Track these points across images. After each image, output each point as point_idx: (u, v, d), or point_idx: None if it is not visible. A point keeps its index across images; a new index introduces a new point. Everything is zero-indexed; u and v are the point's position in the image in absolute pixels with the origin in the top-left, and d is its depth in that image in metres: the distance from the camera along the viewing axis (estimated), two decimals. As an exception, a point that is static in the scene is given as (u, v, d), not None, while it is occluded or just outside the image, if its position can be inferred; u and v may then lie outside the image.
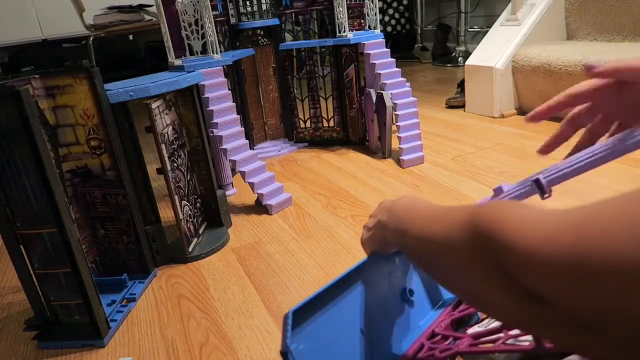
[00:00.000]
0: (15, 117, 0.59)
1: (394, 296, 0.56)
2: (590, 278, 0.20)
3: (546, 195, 0.43)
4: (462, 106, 1.80)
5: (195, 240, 0.95)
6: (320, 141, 1.55)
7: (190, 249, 0.91)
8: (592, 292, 0.20)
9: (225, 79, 1.11)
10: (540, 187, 0.43)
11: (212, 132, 1.07)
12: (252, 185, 1.07)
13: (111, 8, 2.59)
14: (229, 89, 1.13)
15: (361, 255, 0.52)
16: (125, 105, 0.82)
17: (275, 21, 1.45)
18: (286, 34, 1.50)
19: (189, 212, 0.95)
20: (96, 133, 0.79)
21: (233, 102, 1.11)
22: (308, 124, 1.56)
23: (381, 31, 1.37)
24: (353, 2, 1.37)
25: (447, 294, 0.63)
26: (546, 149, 0.48)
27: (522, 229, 0.24)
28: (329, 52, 1.45)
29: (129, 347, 0.69)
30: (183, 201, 0.92)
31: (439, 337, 0.53)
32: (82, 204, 0.83)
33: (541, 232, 0.23)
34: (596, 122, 0.44)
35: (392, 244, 0.47)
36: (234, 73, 1.39)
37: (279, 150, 1.52)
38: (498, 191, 0.47)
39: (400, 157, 1.27)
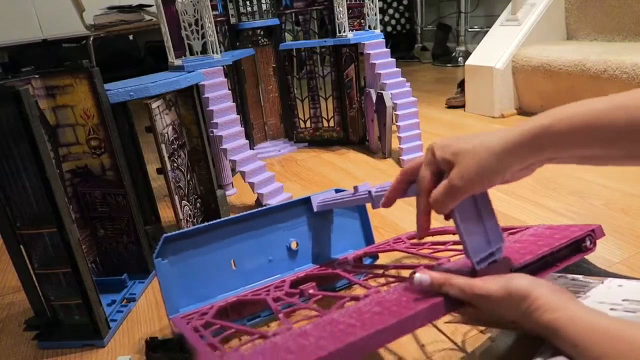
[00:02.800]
0: (15, 117, 0.59)
1: (280, 242, 0.72)
2: None
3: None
4: (462, 106, 1.80)
5: (195, 240, 0.95)
6: (320, 141, 1.55)
7: (190, 249, 0.91)
8: None
9: (225, 79, 1.11)
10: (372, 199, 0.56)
11: (212, 132, 1.07)
12: (252, 185, 1.07)
13: (111, 8, 2.60)
14: (229, 89, 1.13)
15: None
16: (125, 105, 0.82)
17: (275, 21, 1.45)
18: (286, 34, 1.50)
19: (189, 212, 0.95)
20: (96, 133, 0.79)
21: (233, 102, 1.11)
22: (308, 124, 1.56)
23: (381, 31, 1.37)
24: (353, 2, 1.37)
25: (334, 256, 0.76)
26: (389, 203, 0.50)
27: None
28: (329, 52, 1.45)
29: (129, 347, 0.69)
30: (183, 201, 0.92)
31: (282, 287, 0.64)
32: (82, 204, 0.83)
33: None
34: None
35: (529, 330, 0.42)
36: (234, 73, 1.39)
37: (279, 150, 1.52)
38: (355, 189, 0.61)
39: (401, 157, 1.27)
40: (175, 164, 0.91)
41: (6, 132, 0.60)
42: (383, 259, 0.80)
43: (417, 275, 0.44)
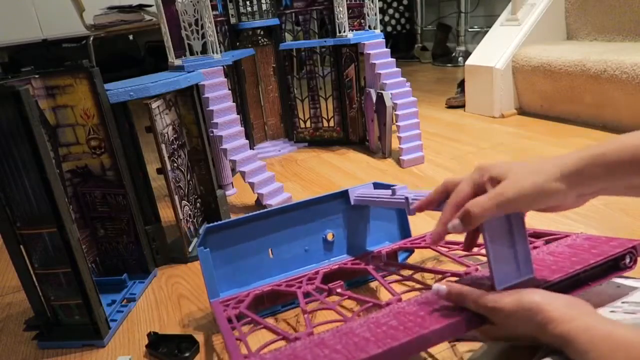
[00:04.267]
0: (15, 117, 0.59)
1: (316, 233, 0.73)
2: None
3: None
4: (462, 106, 1.80)
5: (195, 240, 0.95)
6: (320, 141, 1.55)
7: (190, 249, 0.91)
8: None
9: (225, 79, 1.11)
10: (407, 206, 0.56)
11: (212, 132, 1.07)
12: (252, 185, 1.07)
13: (111, 8, 2.60)
14: (229, 89, 1.13)
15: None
16: (125, 105, 0.82)
17: (275, 21, 1.45)
18: (286, 34, 1.50)
19: (189, 212, 0.95)
20: (96, 133, 0.79)
21: (233, 102, 1.11)
22: (308, 124, 1.56)
23: (381, 31, 1.37)
24: (353, 2, 1.37)
25: (369, 248, 0.77)
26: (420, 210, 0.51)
27: None
28: (329, 52, 1.45)
29: (129, 347, 0.69)
30: (183, 201, 0.92)
31: (314, 280, 0.67)
32: (82, 204, 0.83)
33: None
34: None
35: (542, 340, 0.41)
36: (234, 73, 1.39)
37: (279, 150, 1.52)
38: (393, 191, 0.61)
39: (400, 157, 1.27)
40: (175, 164, 0.91)
41: (6, 132, 0.60)
42: (417, 255, 0.81)
43: (435, 286, 0.45)
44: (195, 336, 0.66)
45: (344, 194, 0.74)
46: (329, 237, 0.75)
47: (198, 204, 1.00)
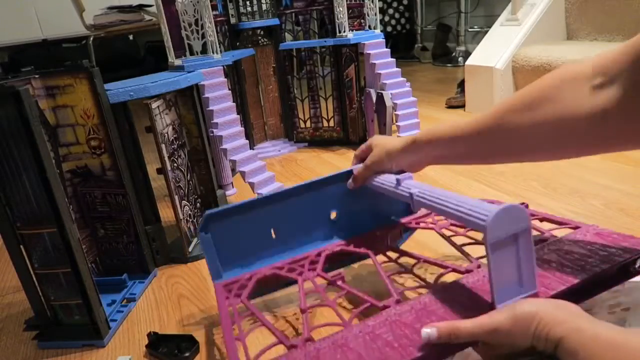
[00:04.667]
0: (15, 117, 0.59)
1: (320, 213, 0.74)
2: None
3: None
4: (462, 106, 1.80)
5: (195, 240, 0.95)
6: (320, 141, 1.55)
7: (190, 249, 0.91)
8: None
9: (225, 79, 1.11)
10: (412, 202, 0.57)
11: (212, 132, 1.07)
12: (252, 185, 1.07)
13: (111, 8, 2.60)
14: (229, 89, 1.13)
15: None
16: (125, 105, 0.82)
17: (275, 21, 1.45)
18: (286, 34, 1.50)
19: (189, 212, 0.95)
20: (96, 133, 0.79)
21: (233, 102, 1.11)
22: (308, 124, 1.56)
23: (381, 31, 1.37)
24: (353, 2, 1.37)
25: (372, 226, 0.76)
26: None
27: None
28: (329, 52, 1.45)
29: (129, 347, 0.69)
30: (183, 201, 0.92)
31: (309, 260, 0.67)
32: (82, 204, 0.83)
33: None
34: None
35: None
36: (234, 73, 1.39)
37: (279, 150, 1.52)
38: (398, 182, 0.62)
39: (400, 157, 1.27)
40: (175, 164, 0.91)
41: (6, 132, 0.60)
42: (419, 235, 0.80)
43: (424, 331, 0.44)
44: (195, 336, 0.67)
45: (349, 175, 0.74)
46: (332, 216, 0.74)
47: (198, 204, 1.00)
